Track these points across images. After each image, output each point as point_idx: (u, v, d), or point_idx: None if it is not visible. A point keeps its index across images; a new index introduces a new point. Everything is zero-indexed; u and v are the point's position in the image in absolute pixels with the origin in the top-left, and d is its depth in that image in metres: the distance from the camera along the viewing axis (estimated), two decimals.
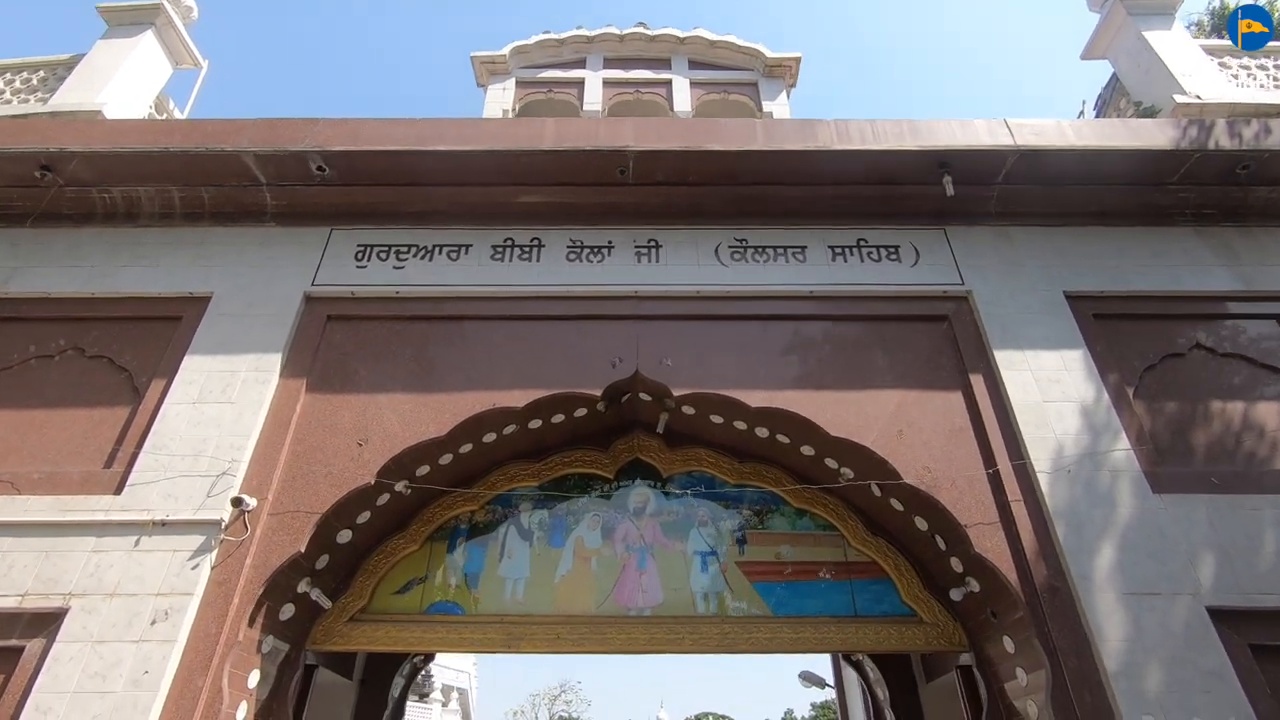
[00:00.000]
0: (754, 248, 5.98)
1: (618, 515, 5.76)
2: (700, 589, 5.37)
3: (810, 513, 5.69)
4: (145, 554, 4.43)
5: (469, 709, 35.93)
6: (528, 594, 5.38)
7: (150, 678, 4.00)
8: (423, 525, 5.58)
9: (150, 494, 4.66)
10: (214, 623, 4.25)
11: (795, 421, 5.18)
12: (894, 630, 5.12)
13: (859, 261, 5.90)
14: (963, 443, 5.01)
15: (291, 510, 4.70)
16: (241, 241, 5.99)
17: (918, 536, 5.21)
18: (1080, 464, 4.75)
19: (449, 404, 5.16)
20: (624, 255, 5.95)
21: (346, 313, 5.65)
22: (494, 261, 5.91)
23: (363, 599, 5.24)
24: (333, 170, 5.92)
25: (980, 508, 4.71)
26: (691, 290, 5.73)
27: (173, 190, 6.05)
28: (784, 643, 5.08)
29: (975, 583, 4.78)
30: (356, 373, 5.35)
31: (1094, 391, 5.10)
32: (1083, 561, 4.38)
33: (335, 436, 5.03)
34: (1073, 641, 4.18)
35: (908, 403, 5.19)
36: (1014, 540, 4.57)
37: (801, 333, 5.57)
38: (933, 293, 5.72)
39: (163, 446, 4.86)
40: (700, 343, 5.50)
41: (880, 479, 5.05)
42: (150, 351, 5.44)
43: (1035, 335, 5.41)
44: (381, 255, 5.93)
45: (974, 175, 5.90)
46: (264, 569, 4.48)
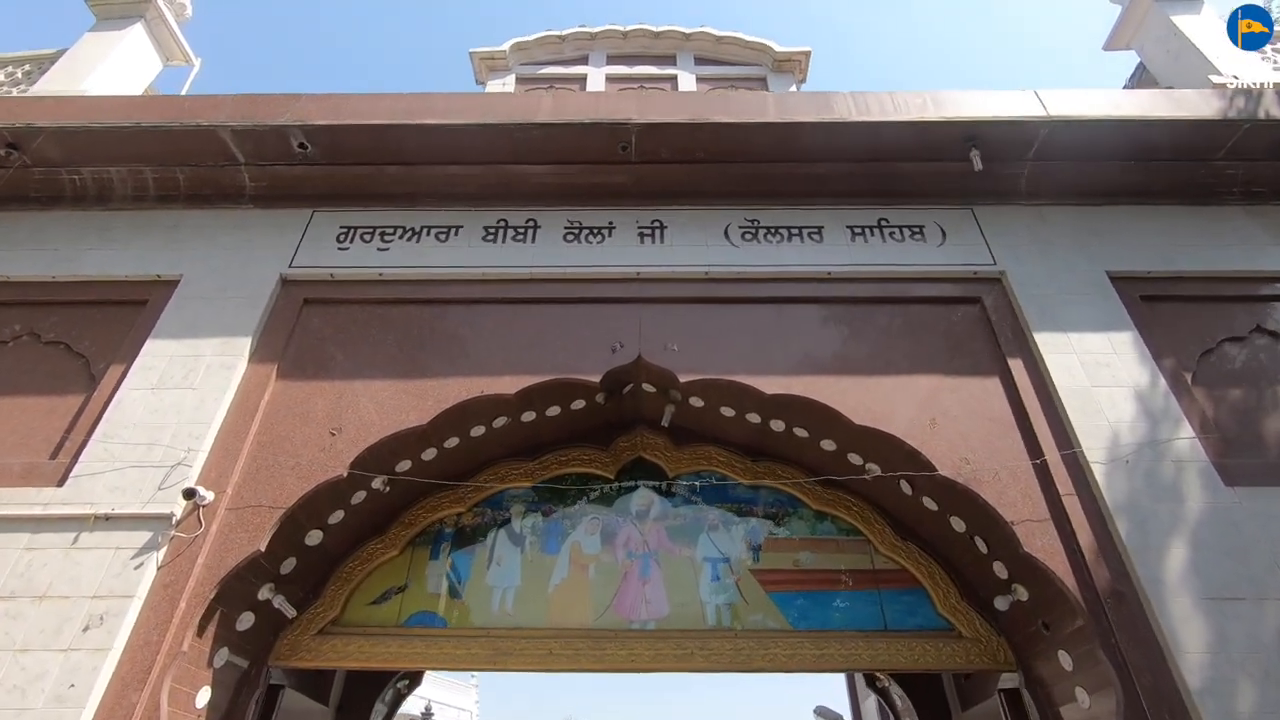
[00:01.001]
0: (766, 228, 5.53)
1: (619, 519, 5.22)
2: (711, 600, 4.80)
3: (832, 516, 5.13)
4: (83, 552, 3.92)
5: None
6: (518, 605, 4.82)
7: (76, 692, 3.47)
8: (403, 529, 5.05)
9: (95, 486, 4.17)
10: (155, 630, 3.72)
11: (815, 410, 4.67)
12: (930, 646, 4.52)
13: (880, 241, 5.44)
14: (1004, 432, 4.47)
15: (253, 505, 4.20)
16: (217, 224, 5.60)
17: (954, 539, 4.65)
18: (1139, 454, 4.20)
19: (432, 391, 4.68)
20: (626, 236, 5.51)
21: (325, 296, 5.22)
22: (486, 243, 5.48)
23: (334, 610, 4.69)
24: (315, 147, 5.54)
25: (1028, 503, 4.16)
26: (699, 272, 5.28)
27: (146, 171, 5.69)
28: (806, 660, 4.48)
29: (1023, 590, 4.21)
30: (333, 358, 4.89)
31: (1148, 376, 4.58)
32: (1151, 562, 3.81)
33: (306, 425, 4.55)
34: (1146, 655, 3.59)
35: (940, 389, 4.67)
36: (1069, 539, 4.01)
37: (820, 316, 5.09)
38: (963, 273, 5.24)
39: (114, 435, 4.39)
40: (709, 326, 5.02)
41: (911, 474, 4.50)
42: (111, 337, 5.00)
43: (1079, 317, 4.90)
44: (365, 237, 5.52)
45: (1003, 150, 5.47)
46: (217, 570, 3.96)
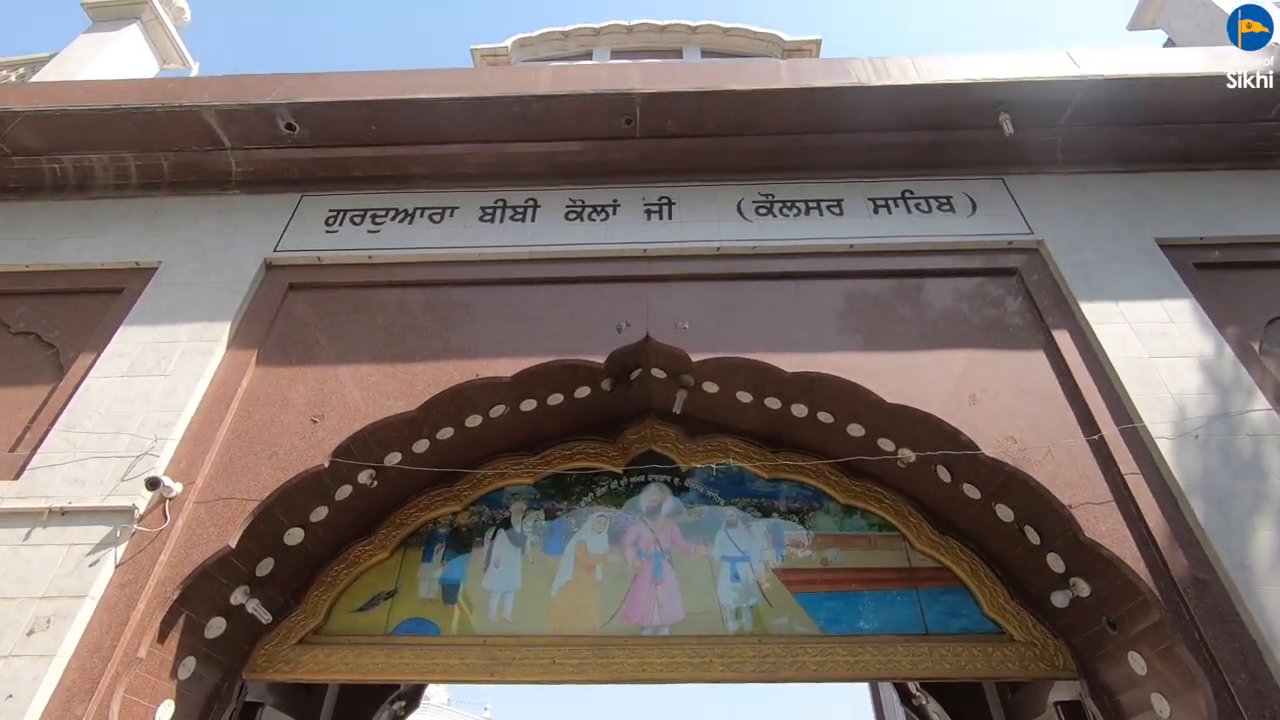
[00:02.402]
0: (782, 202, 5.17)
1: (628, 516, 4.78)
2: (731, 603, 4.34)
3: (861, 510, 4.67)
4: (34, 549, 3.54)
5: None
6: (518, 610, 4.37)
7: (14, 705, 3.06)
8: (394, 529, 4.63)
9: (52, 479, 3.81)
10: (108, 634, 3.32)
11: (841, 390, 4.25)
12: (977, 651, 4.02)
13: (905, 214, 5.05)
14: (1053, 408, 4.03)
15: (224, 497, 3.81)
16: (201, 210, 5.31)
17: (1000, 531, 4.17)
18: (1210, 427, 3.74)
19: (422, 375, 4.31)
20: (632, 214, 5.16)
21: (311, 280, 4.89)
22: (483, 224, 5.15)
23: (316, 617, 4.27)
24: (303, 128, 5.27)
25: (1086, 484, 3.69)
26: (710, 248, 4.90)
27: (128, 158, 5.43)
28: (839, 668, 4.00)
29: (1083, 584, 3.73)
30: (317, 343, 4.54)
31: (1213, 345, 4.13)
32: (1235, 547, 3.33)
33: (286, 412, 4.18)
34: (1239, 651, 3.10)
35: (978, 364, 4.24)
36: (1136, 523, 3.54)
37: (842, 291, 4.69)
38: (996, 244, 4.84)
39: (77, 425, 4.04)
40: (722, 304, 4.63)
41: (951, 456, 4.06)
42: (83, 326, 4.69)
43: (1128, 286, 4.48)
44: (355, 219, 5.20)
45: (1036, 115, 5.10)
46: (182, 568, 3.56)
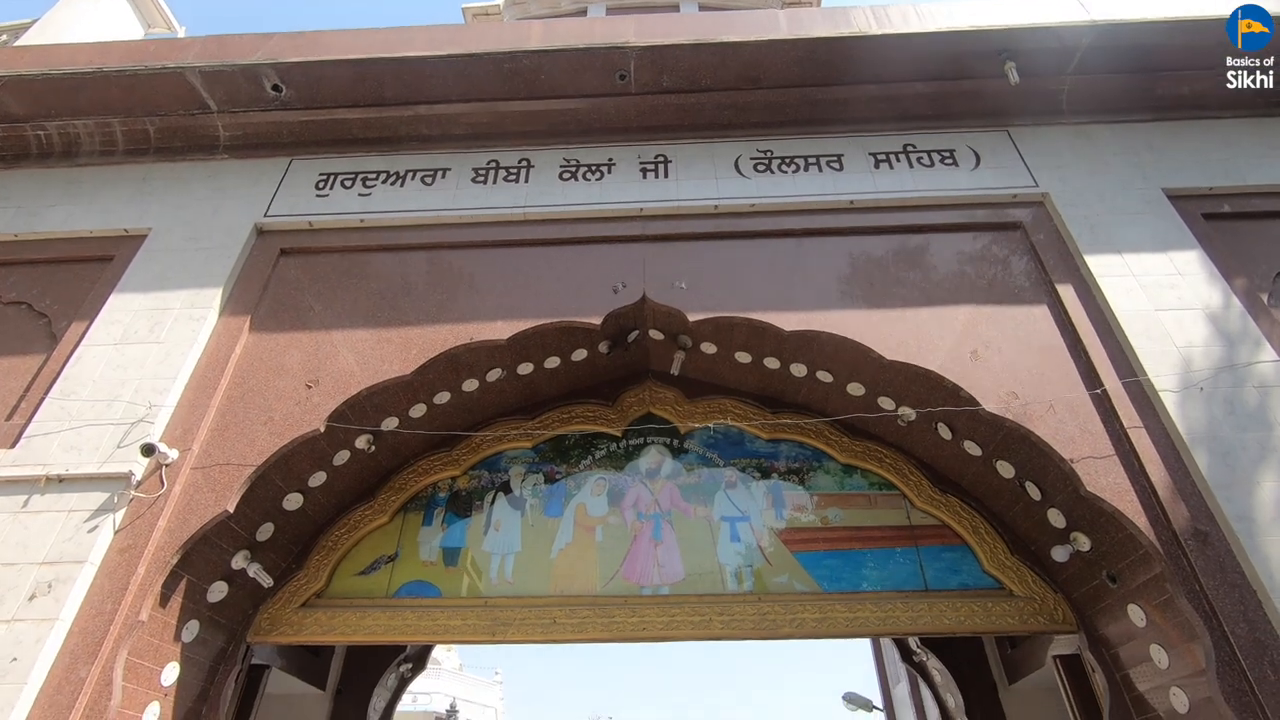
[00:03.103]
0: (781, 158, 5.05)
1: (628, 479, 4.77)
2: (731, 562, 4.34)
3: (862, 469, 4.65)
4: (33, 516, 3.55)
5: None
6: (519, 572, 4.39)
7: (19, 666, 3.09)
8: (393, 494, 4.64)
9: (49, 446, 3.80)
10: (110, 598, 3.34)
11: (840, 348, 4.20)
12: (976, 607, 4.03)
13: (907, 168, 4.93)
14: (1055, 362, 3.97)
15: (220, 463, 3.81)
16: (189, 176, 5.22)
17: (1001, 488, 4.15)
18: (1216, 379, 3.68)
19: (417, 338, 4.26)
20: (627, 172, 5.06)
21: (303, 245, 4.82)
22: (475, 185, 5.05)
23: (318, 581, 4.29)
24: (290, 89, 5.15)
25: (1088, 438, 3.65)
26: (708, 206, 4.81)
27: (114, 123, 5.32)
28: (837, 625, 4.01)
29: (1084, 538, 3.71)
30: (310, 309, 4.49)
31: (1220, 297, 4.05)
32: (1238, 498, 3.30)
33: (280, 378, 4.15)
34: (1239, 601, 3.09)
35: (979, 320, 4.18)
36: (1138, 476, 3.51)
37: (842, 248, 4.60)
38: (1000, 198, 4.73)
39: (72, 393, 4.02)
40: (720, 263, 4.55)
41: (952, 413, 4.02)
42: (74, 294, 4.64)
43: (1135, 237, 4.38)
44: (346, 183, 5.11)
45: (1042, 63, 4.94)
46: (181, 533, 3.57)
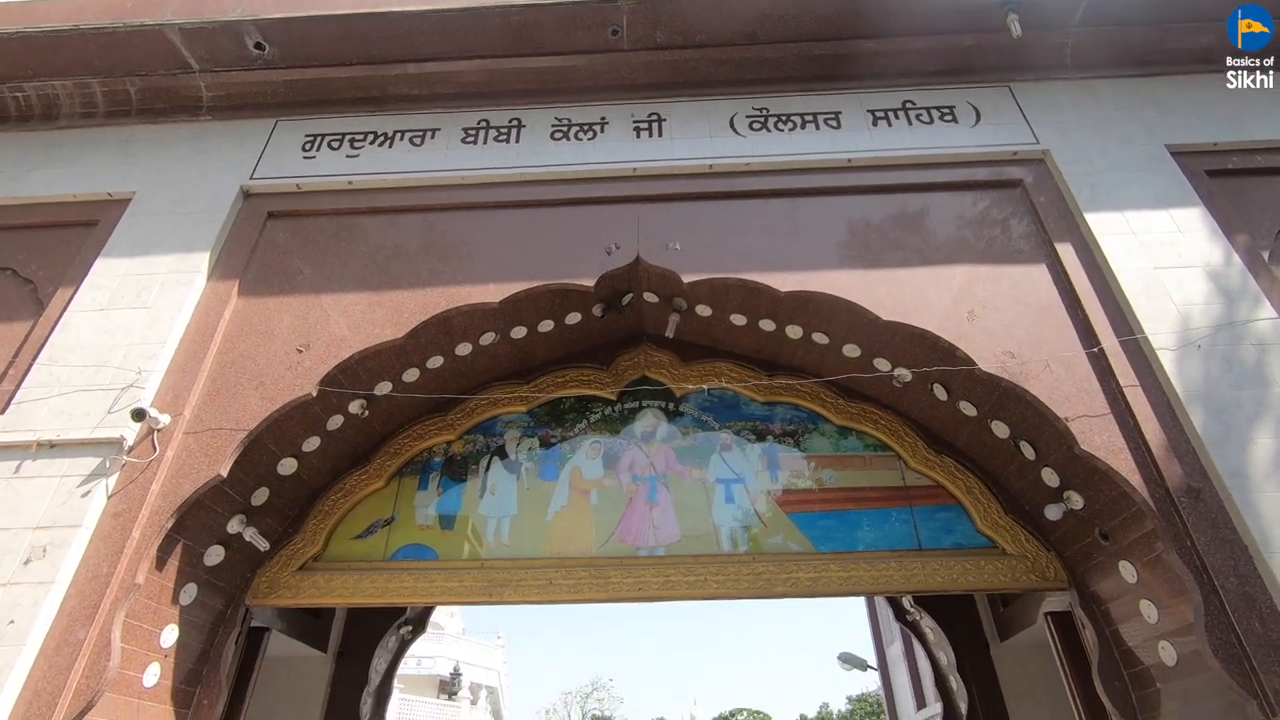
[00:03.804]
0: (777, 116, 4.94)
1: (623, 442, 4.77)
2: (726, 523, 4.36)
3: (857, 431, 4.65)
4: (26, 481, 3.54)
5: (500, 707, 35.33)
6: (515, 535, 4.41)
7: (16, 629, 3.11)
8: (388, 458, 4.64)
9: (39, 412, 3.78)
10: (105, 561, 3.35)
11: (836, 309, 4.16)
12: (969, 565, 4.06)
13: (906, 125, 4.84)
14: (1053, 322, 3.94)
15: (212, 428, 3.79)
16: (172, 138, 5.11)
17: (996, 448, 4.16)
18: (1214, 337, 3.66)
19: (408, 302, 4.21)
20: (620, 131, 4.95)
21: (290, 208, 4.74)
22: (465, 145, 4.95)
23: (315, 545, 4.31)
24: (274, 47, 5.01)
25: (1084, 397, 3.64)
26: (702, 165, 4.72)
27: (93, 84, 5.18)
28: (831, 583, 4.05)
29: (1077, 497, 3.72)
30: (300, 272, 4.43)
31: (1221, 254, 4.00)
32: (1232, 455, 3.30)
33: (271, 343, 4.11)
34: (1229, 556, 3.11)
35: (977, 279, 4.13)
36: (1132, 434, 3.51)
37: (839, 208, 4.53)
38: (1000, 155, 4.65)
39: (60, 359, 3.98)
40: (715, 224, 4.49)
41: (948, 373, 4.00)
42: (60, 260, 4.57)
43: (1136, 195, 4.31)
44: (333, 144, 5.00)
45: (1045, 15, 4.80)
46: (174, 497, 3.57)
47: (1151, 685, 3.44)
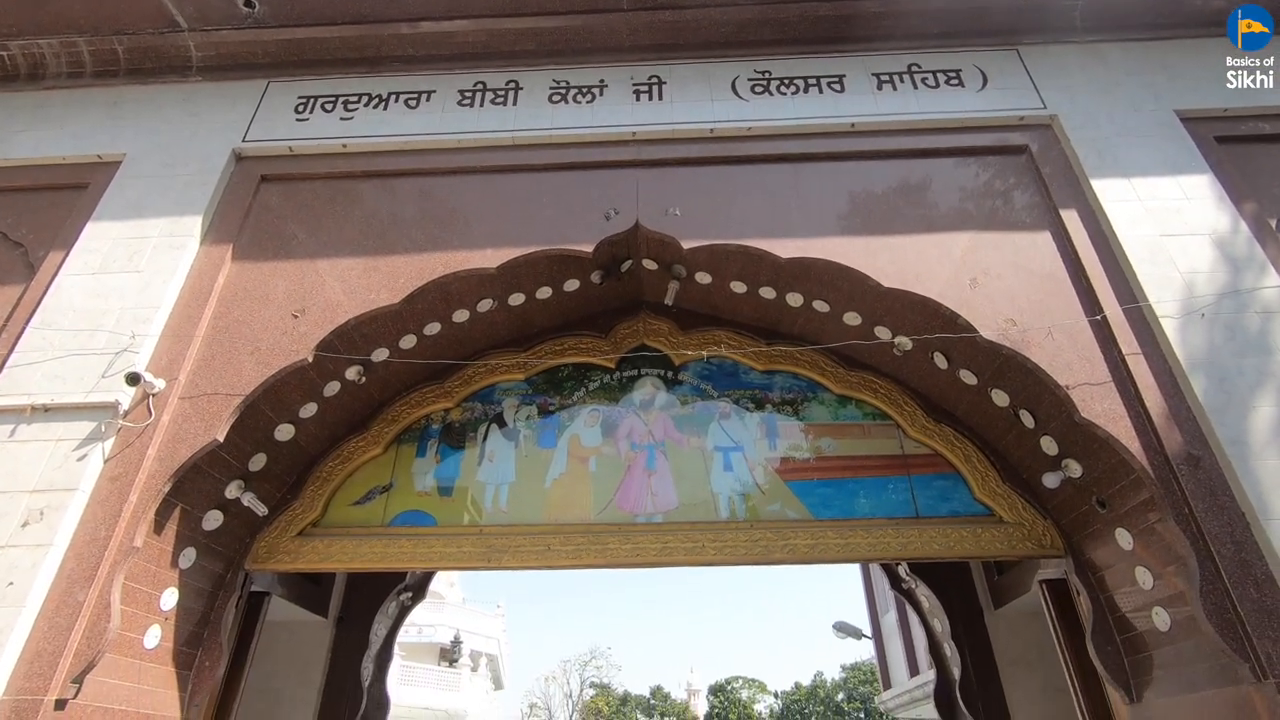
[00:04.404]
0: (779, 79, 4.84)
1: (621, 410, 4.75)
2: (724, 490, 4.37)
3: (856, 400, 4.63)
4: (21, 445, 3.52)
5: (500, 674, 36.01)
6: (513, 501, 4.42)
7: (15, 590, 3.12)
8: (386, 425, 4.62)
9: (33, 376, 3.75)
10: (103, 524, 3.34)
11: (838, 276, 4.11)
12: (966, 533, 4.08)
13: (911, 89, 4.74)
14: (1056, 289, 3.90)
15: (208, 393, 3.76)
16: (161, 99, 5.00)
17: (995, 417, 4.15)
18: (1218, 305, 3.63)
19: (405, 267, 4.16)
20: (619, 94, 4.85)
21: (284, 171, 4.66)
22: (461, 108, 4.85)
23: (314, 511, 4.32)
24: (264, 6, 4.88)
25: (1085, 365, 3.62)
26: (703, 129, 4.63)
27: (80, 42, 5.06)
28: (829, 550, 4.07)
29: (1076, 465, 3.72)
30: (294, 237, 4.37)
31: (1228, 221, 3.95)
32: (1232, 422, 3.29)
33: (266, 308, 4.07)
34: (1227, 523, 3.11)
35: (980, 246, 4.08)
36: (1133, 402, 3.49)
37: (842, 173, 4.46)
38: (1006, 120, 4.56)
39: (52, 323, 3.94)
40: (715, 189, 4.42)
41: (949, 341, 3.97)
42: (50, 223, 4.51)
43: (1143, 161, 4.25)
44: (326, 106, 4.91)
45: None
46: (171, 462, 3.55)
47: (1144, 650, 3.47)
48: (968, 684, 5.33)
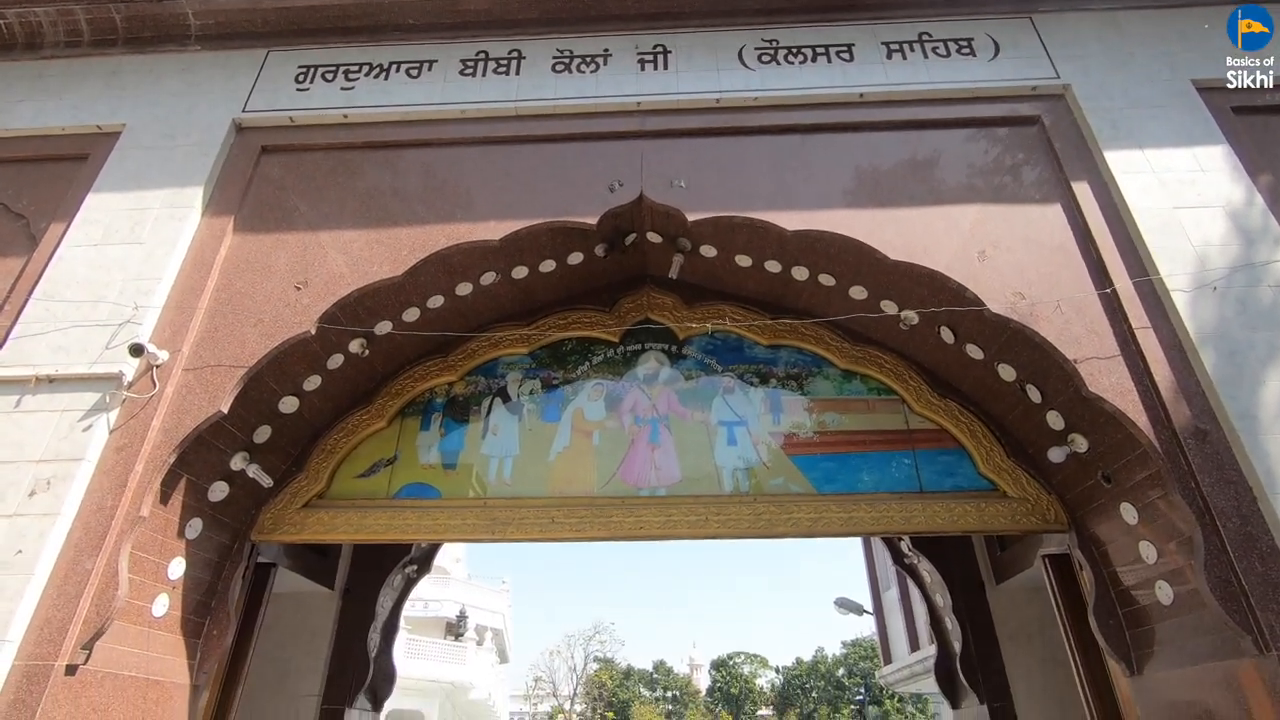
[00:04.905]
0: (787, 48, 4.75)
1: (625, 385, 4.74)
2: (728, 464, 4.37)
3: (861, 375, 4.61)
4: (26, 415, 3.53)
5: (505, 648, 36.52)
6: (517, 474, 4.43)
7: (24, 558, 3.15)
8: (390, 399, 4.62)
9: (37, 347, 3.75)
10: (109, 494, 3.36)
11: (844, 249, 4.07)
12: (970, 507, 4.07)
13: (921, 58, 4.65)
14: (1065, 262, 3.85)
15: (211, 364, 3.76)
16: (161, 68, 4.94)
17: (1001, 391, 4.12)
18: (1230, 278, 3.57)
19: (407, 239, 4.13)
20: (624, 64, 4.77)
21: (284, 142, 4.61)
22: (464, 78, 4.78)
23: (319, 483, 4.34)
24: None
25: (1093, 339, 3.58)
26: (709, 100, 4.56)
27: (76, 10, 4.99)
28: (832, 524, 4.07)
29: (1082, 440, 3.70)
30: (296, 209, 4.33)
31: (1242, 194, 3.88)
32: (1242, 397, 3.26)
33: (269, 280, 4.05)
34: (1234, 497, 3.10)
35: (989, 219, 4.03)
36: (1141, 376, 3.46)
37: (850, 144, 4.39)
38: (1018, 90, 4.48)
39: (55, 294, 3.93)
40: (721, 160, 4.36)
41: (956, 315, 3.93)
42: (51, 194, 4.48)
43: (1157, 132, 4.17)
44: (327, 76, 4.84)
45: None
46: (176, 433, 3.56)
47: (1146, 624, 3.48)
48: (968, 657, 5.37)
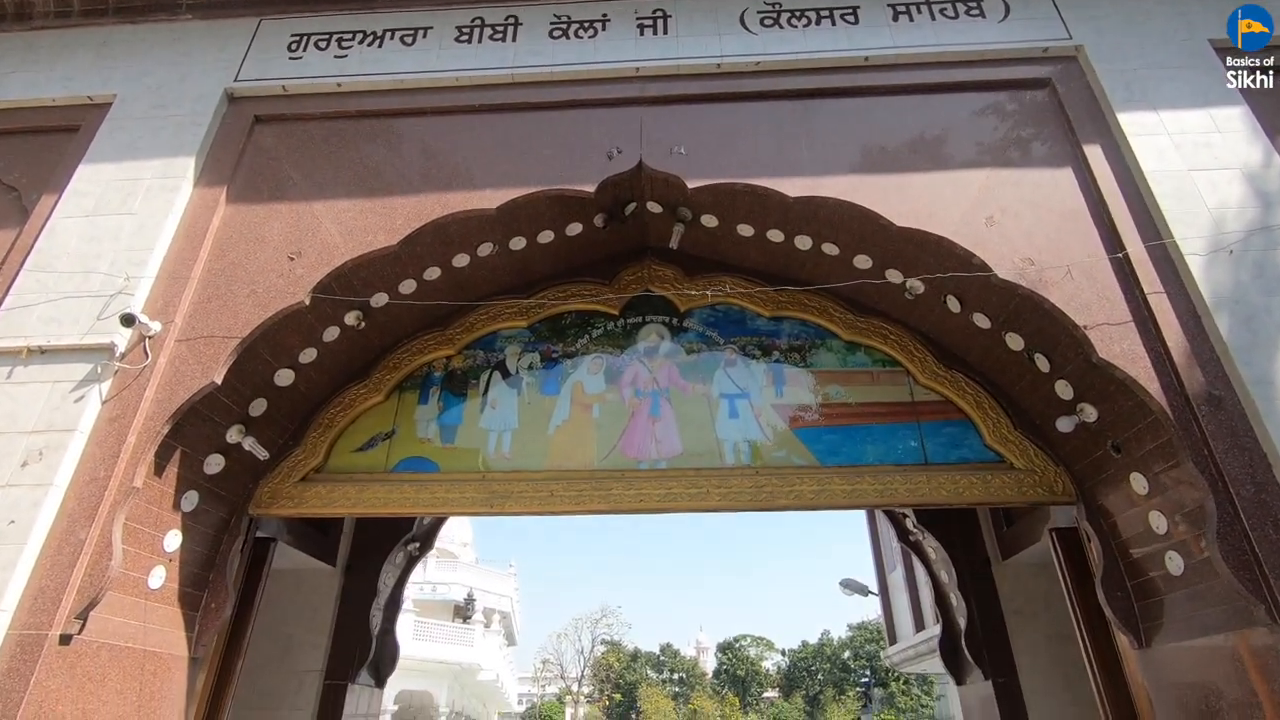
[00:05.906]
0: (790, 11, 4.63)
1: (625, 357, 4.67)
2: (729, 437, 4.30)
3: (865, 346, 4.52)
4: (18, 386, 3.50)
5: (512, 631, 36.86)
6: (516, 448, 4.38)
7: (17, 528, 3.12)
8: (388, 373, 4.57)
9: (28, 318, 3.70)
10: (102, 464, 3.33)
11: (848, 215, 3.97)
12: (975, 479, 4.00)
13: (929, 20, 4.52)
14: (1076, 227, 3.74)
15: (205, 335, 3.71)
16: (151, 38, 4.86)
17: (1008, 361, 4.03)
18: (1247, 242, 3.46)
19: (402, 208, 4.06)
20: (623, 28, 4.66)
21: (277, 112, 4.53)
22: (459, 44, 4.68)
23: (316, 457, 4.30)
24: None
25: (1105, 304, 3.49)
26: (710, 65, 4.45)
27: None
28: (835, 496, 4.01)
29: (1091, 409, 3.61)
30: (289, 179, 4.26)
31: (1260, 155, 3.76)
32: (1259, 362, 3.17)
33: (262, 250, 3.99)
34: (1248, 464, 3.01)
35: (998, 184, 3.92)
36: (1154, 342, 3.37)
37: (854, 109, 4.28)
38: (1029, 52, 4.35)
39: (47, 265, 3.88)
40: (723, 126, 4.25)
41: (963, 282, 3.84)
42: (43, 166, 4.42)
43: (1172, 93, 4.04)
44: (320, 44, 4.75)
45: None
46: (169, 404, 3.52)
47: (1155, 596, 3.41)
48: (973, 633, 5.32)
